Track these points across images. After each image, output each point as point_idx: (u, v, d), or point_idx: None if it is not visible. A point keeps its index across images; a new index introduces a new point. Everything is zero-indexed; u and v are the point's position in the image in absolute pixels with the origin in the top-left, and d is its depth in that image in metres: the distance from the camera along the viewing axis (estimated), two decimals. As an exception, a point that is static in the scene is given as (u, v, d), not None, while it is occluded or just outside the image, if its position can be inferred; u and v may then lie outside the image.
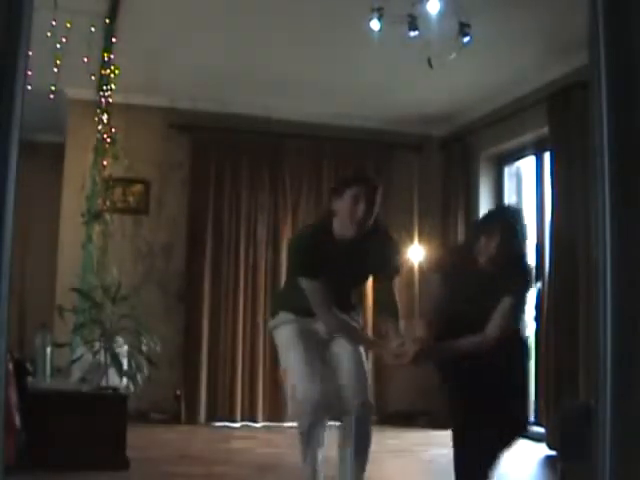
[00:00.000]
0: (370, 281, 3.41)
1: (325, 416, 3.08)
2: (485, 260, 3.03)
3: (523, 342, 3.30)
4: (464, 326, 3.03)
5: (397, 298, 3.28)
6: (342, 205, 3.06)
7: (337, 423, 3.15)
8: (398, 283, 3.41)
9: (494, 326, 3.02)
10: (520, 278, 3.08)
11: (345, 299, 3.25)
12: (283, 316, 3.26)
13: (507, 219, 3.07)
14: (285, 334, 3.23)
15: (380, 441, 3.32)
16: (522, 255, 3.10)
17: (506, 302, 3.01)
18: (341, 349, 3.20)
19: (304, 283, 3.09)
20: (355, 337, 3.27)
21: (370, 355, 4.47)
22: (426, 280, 3.14)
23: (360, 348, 3.26)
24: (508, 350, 3.06)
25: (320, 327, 3.21)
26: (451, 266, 3.25)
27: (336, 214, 3.11)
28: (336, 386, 3.10)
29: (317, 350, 3.16)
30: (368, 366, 3.44)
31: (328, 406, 3.04)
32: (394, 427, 6.21)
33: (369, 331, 6.09)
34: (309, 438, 3.05)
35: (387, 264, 3.24)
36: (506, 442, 3.13)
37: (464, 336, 3.04)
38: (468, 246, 3.18)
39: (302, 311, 3.17)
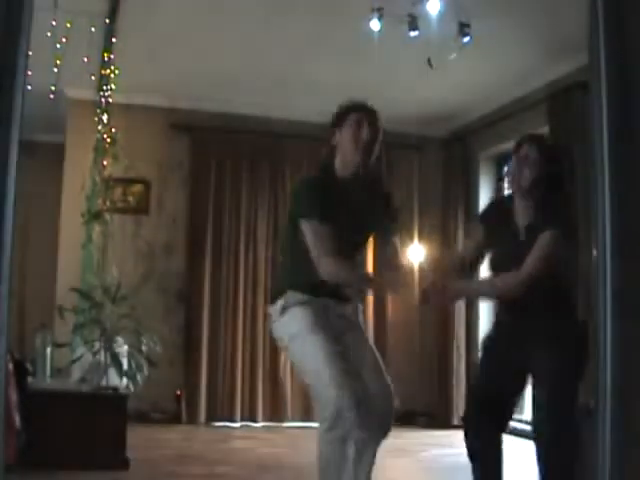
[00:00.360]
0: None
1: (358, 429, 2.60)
2: (520, 191, 2.80)
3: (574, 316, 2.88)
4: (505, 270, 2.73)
5: (398, 247, 3.01)
6: (344, 134, 2.84)
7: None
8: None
9: (530, 261, 2.63)
10: (561, 204, 2.77)
11: (350, 252, 2.85)
12: (291, 296, 2.77)
13: (530, 142, 2.86)
14: (296, 322, 2.72)
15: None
16: (559, 177, 2.82)
17: (547, 235, 2.64)
18: (357, 345, 2.81)
19: (305, 225, 2.73)
20: (365, 283, 3.09)
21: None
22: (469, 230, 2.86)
23: (372, 345, 2.90)
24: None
25: (341, 309, 2.82)
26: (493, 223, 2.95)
27: (338, 149, 2.88)
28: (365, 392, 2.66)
29: (338, 345, 2.68)
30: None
31: (361, 416, 2.58)
32: (394, 427, 6.20)
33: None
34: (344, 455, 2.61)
35: (389, 217, 3.00)
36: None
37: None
38: (507, 207, 2.92)
39: (315, 289, 2.74)
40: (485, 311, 6.85)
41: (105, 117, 5.85)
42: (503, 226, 2.87)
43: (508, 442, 6.08)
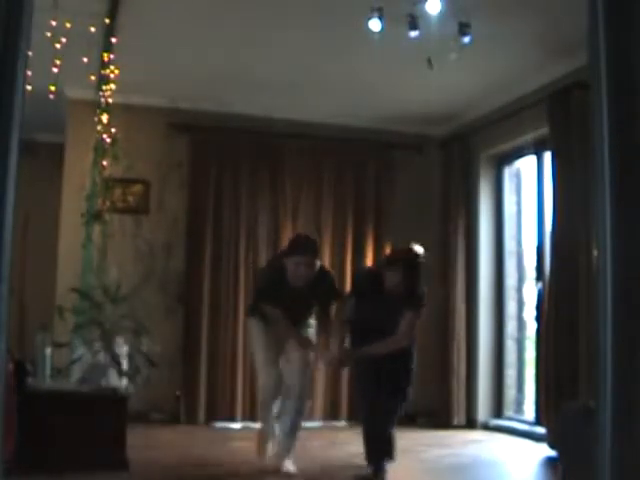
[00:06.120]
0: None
1: (276, 396, 4.58)
2: (390, 287, 4.26)
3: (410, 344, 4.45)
4: (375, 334, 4.27)
5: (331, 317, 4.57)
6: (289, 265, 4.33)
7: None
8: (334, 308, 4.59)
9: (404, 328, 4.28)
10: (415, 299, 4.30)
11: (298, 317, 4.52)
12: (253, 317, 4.65)
13: (408, 260, 4.25)
14: (254, 330, 4.67)
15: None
16: (418, 284, 4.30)
17: (408, 314, 4.27)
18: (292, 353, 4.50)
19: (269, 309, 4.46)
20: (301, 344, 4.50)
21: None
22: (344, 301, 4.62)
23: (306, 354, 4.51)
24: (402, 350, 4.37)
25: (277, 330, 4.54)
26: (363, 291, 4.44)
27: (286, 268, 4.34)
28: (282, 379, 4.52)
29: (275, 348, 4.54)
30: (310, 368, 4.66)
31: (277, 391, 4.55)
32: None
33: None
34: (266, 406, 4.64)
35: (327, 296, 4.54)
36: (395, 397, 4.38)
37: (379, 340, 4.26)
38: (376, 276, 4.37)
39: (265, 317, 4.51)
40: (485, 310, 6.85)
41: (105, 117, 5.85)
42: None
43: (508, 442, 6.09)
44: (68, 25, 4.56)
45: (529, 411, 6.35)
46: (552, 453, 5.09)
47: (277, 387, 4.51)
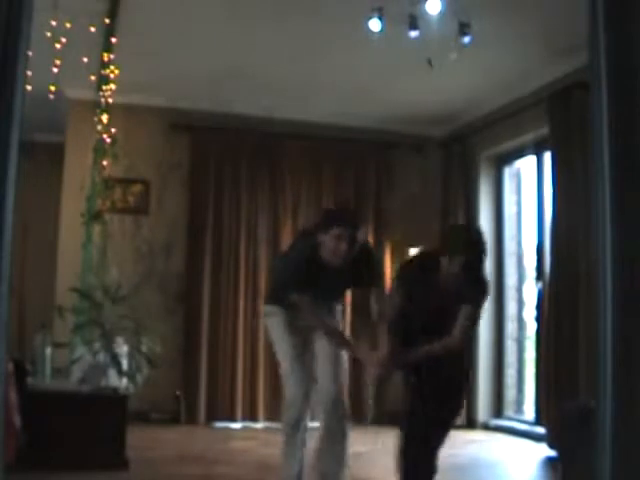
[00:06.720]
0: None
1: (307, 410, 3.61)
2: (449, 276, 3.29)
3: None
4: (426, 332, 3.34)
5: (372, 303, 3.66)
6: (327, 240, 3.46)
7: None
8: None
9: (460, 328, 3.31)
10: (477, 290, 3.36)
11: (331, 305, 3.77)
12: (274, 307, 3.73)
13: (470, 240, 3.32)
14: (276, 326, 3.72)
15: (378, 441, 3.32)
16: (481, 269, 3.36)
17: (465, 309, 3.30)
18: (321, 349, 3.67)
19: (295, 297, 3.52)
20: (337, 341, 3.69)
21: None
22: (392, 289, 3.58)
23: (340, 350, 3.67)
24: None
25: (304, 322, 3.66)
26: (415, 278, 3.44)
27: (322, 246, 3.49)
28: (313, 384, 3.63)
29: (302, 346, 3.66)
30: (346, 365, 3.74)
31: (308, 401, 3.59)
32: (392, 427, 6.19)
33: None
34: (294, 432, 3.59)
35: (368, 277, 3.65)
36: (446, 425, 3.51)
37: (429, 341, 3.33)
38: (431, 260, 3.39)
39: (289, 306, 3.60)
40: (485, 310, 6.84)
41: (105, 117, 5.85)
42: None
43: (508, 442, 6.09)
44: (68, 25, 4.56)
45: (529, 411, 6.35)
46: (552, 453, 5.09)
47: (308, 398, 3.60)
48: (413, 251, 7.04)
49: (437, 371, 3.35)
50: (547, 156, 5.89)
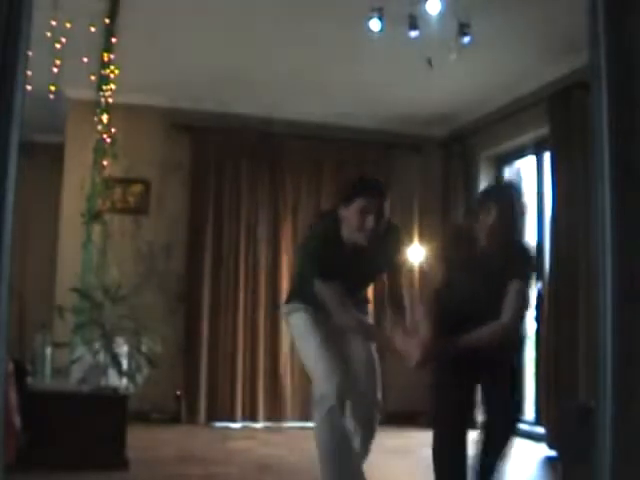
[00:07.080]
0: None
1: (342, 408, 3.00)
2: (486, 241, 2.85)
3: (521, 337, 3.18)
4: (468, 316, 2.85)
5: (403, 288, 3.27)
6: (350, 215, 2.99)
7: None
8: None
9: (510, 312, 2.77)
10: (525, 260, 2.87)
11: (358, 296, 3.24)
12: (297, 304, 3.22)
13: (505, 196, 2.87)
14: (301, 323, 3.18)
15: (380, 441, 3.32)
16: (522, 234, 2.91)
17: (515, 286, 2.77)
18: (355, 349, 3.22)
19: (319, 285, 3.02)
20: (370, 335, 3.26)
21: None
22: (429, 267, 3.03)
23: (373, 348, 3.25)
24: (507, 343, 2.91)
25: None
26: (453, 252, 3.03)
27: (344, 222, 3.03)
28: (349, 384, 3.04)
29: (333, 343, 3.11)
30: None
31: (343, 401, 2.99)
32: (394, 427, 6.20)
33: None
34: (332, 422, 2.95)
35: (396, 259, 3.23)
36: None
37: (474, 328, 2.82)
38: (468, 229, 2.99)
39: (316, 302, 3.10)
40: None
41: (105, 117, 5.85)
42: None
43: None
44: (68, 25, 4.56)
45: (529, 411, 6.34)
46: (552, 453, 5.09)
47: (341, 397, 2.97)
48: (413, 251, 7.04)
49: (492, 363, 2.95)
50: (547, 156, 5.89)
